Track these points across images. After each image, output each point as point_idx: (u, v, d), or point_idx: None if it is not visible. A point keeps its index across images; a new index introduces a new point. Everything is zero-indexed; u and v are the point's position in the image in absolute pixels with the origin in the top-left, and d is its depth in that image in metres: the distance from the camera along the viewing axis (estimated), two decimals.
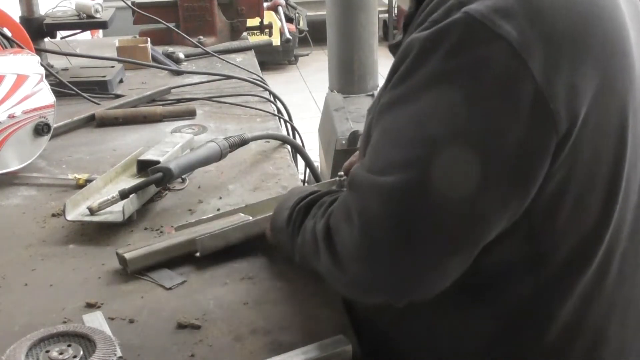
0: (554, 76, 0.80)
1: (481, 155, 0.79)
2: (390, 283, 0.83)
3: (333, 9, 3.35)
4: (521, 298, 0.91)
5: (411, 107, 0.82)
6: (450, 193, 0.79)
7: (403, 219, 0.80)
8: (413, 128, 0.82)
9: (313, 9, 7.04)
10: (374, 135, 0.88)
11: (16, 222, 1.38)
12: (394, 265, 0.81)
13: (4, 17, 1.97)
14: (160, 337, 1.02)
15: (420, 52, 0.83)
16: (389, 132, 0.85)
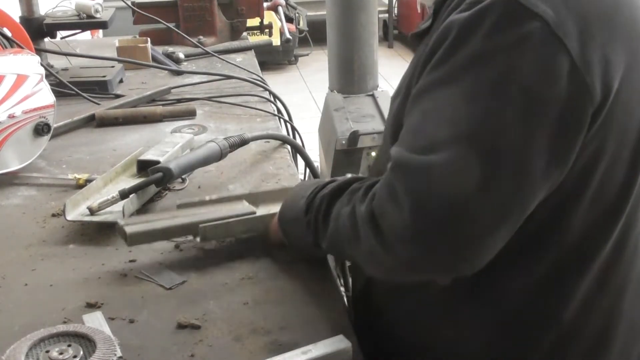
0: (588, 52, 0.84)
1: (527, 128, 0.83)
2: (443, 260, 0.85)
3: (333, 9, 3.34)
4: (541, 273, 0.95)
5: (455, 85, 0.85)
6: (499, 166, 0.82)
7: (455, 194, 0.81)
8: (459, 106, 0.84)
9: (313, 9, 7.04)
10: (412, 117, 0.90)
11: (16, 222, 1.38)
12: (449, 242, 0.83)
13: (4, 17, 1.97)
14: (160, 337, 1.02)
15: (461, 32, 0.85)
16: (433, 111, 0.87)
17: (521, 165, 0.83)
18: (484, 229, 0.83)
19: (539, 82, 0.83)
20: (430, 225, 0.82)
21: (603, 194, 0.94)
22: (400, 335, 1.08)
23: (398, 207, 0.84)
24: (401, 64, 6.90)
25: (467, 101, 0.84)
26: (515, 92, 0.82)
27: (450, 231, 0.82)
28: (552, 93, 0.83)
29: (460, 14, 0.87)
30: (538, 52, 0.83)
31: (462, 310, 1.00)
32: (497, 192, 0.83)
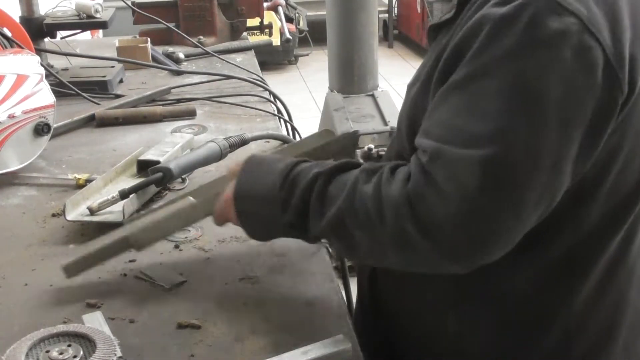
0: (618, 47, 0.87)
1: (565, 120, 0.85)
2: (480, 248, 0.87)
3: (333, 9, 3.35)
4: (550, 267, 0.97)
5: (492, 80, 0.86)
6: (540, 159, 0.85)
7: (500, 187, 0.85)
8: (497, 100, 0.86)
9: (313, 9, 7.04)
10: (444, 111, 0.91)
11: (16, 222, 1.38)
12: (492, 232, 0.86)
13: (4, 17, 1.97)
14: (160, 337, 1.02)
15: (498, 26, 0.87)
16: (470, 105, 0.88)
17: (559, 157, 0.86)
18: (522, 220, 0.87)
19: (577, 76, 0.85)
20: (475, 216, 0.85)
21: (617, 189, 0.96)
22: (404, 329, 1.08)
23: (440, 196, 0.86)
24: (401, 64, 6.90)
25: (507, 95, 0.85)
26: (553, 85, 0.84)
27: (494, 222, 0.85)
28: (589, 85, 0.85)
29: (495, 9, 0.88)
30: (575, 46, 0.84)
31: (466, 305, 1.01)
32: (535, 185, 0.85)
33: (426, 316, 1.06)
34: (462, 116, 0.88)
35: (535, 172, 0.85)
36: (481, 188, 0.84)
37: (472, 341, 1.02)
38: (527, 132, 0.84)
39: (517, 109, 0.85)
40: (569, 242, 0.96)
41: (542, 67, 0.85)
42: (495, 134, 0.85)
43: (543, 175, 0.85)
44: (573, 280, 0.98)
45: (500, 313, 1.00)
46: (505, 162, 0.84)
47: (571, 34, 0.85)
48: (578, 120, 0.86)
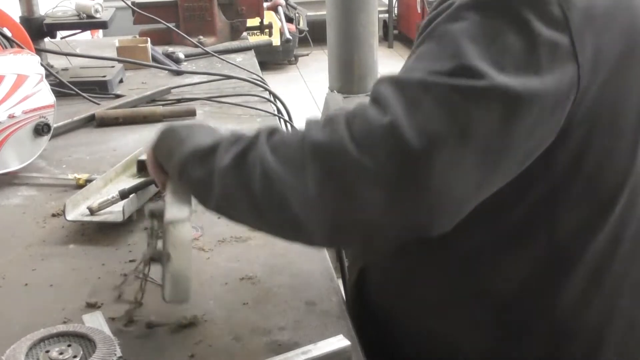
0: (586, 33, 0.84)
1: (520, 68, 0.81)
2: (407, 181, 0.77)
3: (333, 9, 3.35)
4: (530, 269, 0.95)
5: (457, 25, 0.83)
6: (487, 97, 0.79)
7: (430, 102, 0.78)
8: (461, 42, 0.82)
9: (313, 9, 7.04)
10: (408, 62, 0.88)
11: (16, 222, 1.38)
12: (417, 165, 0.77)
13: (4, 17, 1.97)
14: (160, 337, 1.02)
15: None
16: (430, 50, 0.85)
17: (513, 111, 0.80)
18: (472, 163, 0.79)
19: (539, 41, 0.82)
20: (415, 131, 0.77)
21: (593, 188, 0.94)
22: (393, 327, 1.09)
23: (383, 108, 0.79)
24: (401, 64, 6.85)
25: (470, 39, 0.82)
26: (513, 43, 0.81)
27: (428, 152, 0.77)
28: (547, 57, 0.82)
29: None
30: (542, 13, 0.82)
31: (451, 306, 1.01)
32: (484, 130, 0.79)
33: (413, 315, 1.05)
34: (426, 58, 0.84)
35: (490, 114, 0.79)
36: (430, 109, 0.78)
37: (462, 342, 1.02)
38: (489, 71, 0.79)
39: (478, 50, 0.80)
40: (546, 244, 0.94)
41: (506, 23, 0.82)
42: (454, 69, 0.80)
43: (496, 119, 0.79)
44: (554, 284, 0.97)
45: (488, 314, 0.99)
46: (463, 93, 0.79)
47: (543, 3, 0.83)
48: (534, 84, 0.81)
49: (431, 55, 0.84)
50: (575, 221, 0.95)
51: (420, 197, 0.77)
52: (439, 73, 0.80)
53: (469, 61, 0.80)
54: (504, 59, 0.81)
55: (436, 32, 0.85)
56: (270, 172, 0.83)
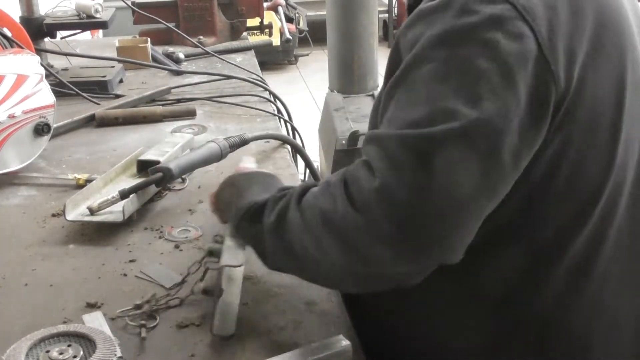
0: (553, 40, 0.86)
1: (501, 103, 0.82)
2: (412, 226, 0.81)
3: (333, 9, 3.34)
4: (518, 261, 0.96)
5: (427, 66, 0.85)
6: (473, 142, 0.81)
7: (429, 163, 0.81)
8: (431, 84, 0.84)
9: (313, 9, 7.04)
10: (388, 111, 0.89)
11: (16, 222, 1.38)
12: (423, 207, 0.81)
13: (4, 17, 1.97)
14: (160, 337, 1.02)
15: (430, 17, 0.87)
16: (408, 96, 0.87)
17: (494, 143, 0.82)
18: (457, 199, 0.82)
19: (509, 58, 0.83)
20: (400, 192, 0.81)
21: (573, 187, 0.94)
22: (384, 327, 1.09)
23: (369, 172, 0.84)
24: None
25: (440, 79, 0.84)
26: (486, 65, 0.83)
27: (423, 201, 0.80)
28: (521, 72, 0.83)
29: (428, 3, 0.89)
30: (507, 31, 0.83)
31: (441, 308, 1.01)
32: (476, 168, 0.82)
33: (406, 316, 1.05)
34: (403, 108, 0.87)
35: (468, 153, 0.81)
36: (411, 163, 0.81)
37: (454, 343, 1.02)
38: (461, 115, 0.81)
39: (448, 91, 0.83)
40: (528, 244, 0.95)
41: (474, 50, 0.83)
42: (427, 117, 0.82)
43: (476, 156, 0.81)
44: (539, 283, 0.97)
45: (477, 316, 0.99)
46: (440, 140, 0.81)
47: (504, 18, 0.84)
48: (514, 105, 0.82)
49: (406, 104, 0.87)
50: (556, 220, 0.95)
51: (423, 247, 0.82)
52: (414, 124, 0.83)
53: (443, 103, 0.82)
54: (479, 86, 0.83)
55: (407, 79, 0.88)
56: (302, 239, 0.92)
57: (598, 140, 0.94)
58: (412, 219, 0.81)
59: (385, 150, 0.84)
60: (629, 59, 0.98)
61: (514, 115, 0.83)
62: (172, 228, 1.32)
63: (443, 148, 0.81)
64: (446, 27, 0.85)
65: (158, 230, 1.32)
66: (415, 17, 0.90)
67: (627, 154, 0.99)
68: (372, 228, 0.82)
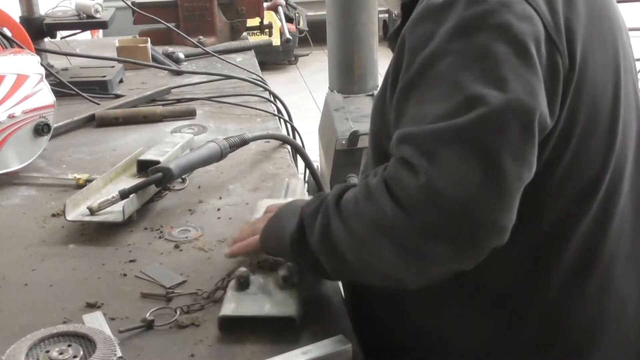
0: (555, 18, 0.89)
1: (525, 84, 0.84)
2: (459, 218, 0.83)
3: (333, 9, 3.34)
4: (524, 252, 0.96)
5: (443, 62, 0.86)
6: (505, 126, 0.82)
7: (469, 152, 0.82)
8: (452, 77, 0.85)
9: (313, 9, 7.03)
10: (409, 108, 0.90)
11: (16, 222, 1.38)
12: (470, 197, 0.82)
13: (4, 17, 1.98)
14: (160, 337, 1.02)
15: (439, 13, 0.88)
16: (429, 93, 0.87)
17: (528, 120, 0.83)
18: (502, 184, 0.83)
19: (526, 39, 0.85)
20: (446, 183, 0.82)
21: (576, 170, 0.95)
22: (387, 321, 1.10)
23: (411, 170, 0.84)
24: None
25: (462, 69, 0.85)
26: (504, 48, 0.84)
27: (468, 190, 0.82)
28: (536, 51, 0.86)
29: (432, 1, 0.90)
30: (518, 13, 0.86)
31: (445, 302, 1.01)
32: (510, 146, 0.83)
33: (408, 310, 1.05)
34: (425, 104, 0.87)
35: (504, 135, 0.82)
36: (451, 155, 0.82)
37: (455, 338, 1.02)
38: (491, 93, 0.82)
39: (472, 78, 0.84)
40: (533, 234, 0.96)
41: (489, 35, 0.85)
42: (456, 107, 0.83)
43: (513, 136, 0.83)
44: (544, 273, 0.98)
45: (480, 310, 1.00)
46: (474, 127, 0.82)
47: (512, 2, 0.86)
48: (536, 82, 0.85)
49: (431, 100, 0.87)
50: (559, 208, 0.96)
51: (478, 235, 0.84)
52: (445, 116, 0.84)
53: (470, 91, 0.83)
54: (501, 69, 0.84)
55: (427, 76, 0.88)
56: (354, 249, 0.92)
57: (599, 124, 0.95)
58: (464, 210, 0.82)
59: (421, 147, 0.84)
60: (619, 43, 1.01)
61: (539, 92, 0.84)
62: (172, 228, 1.32)
63: (479, 134, 0.82)
64: (458, 19, 0.86)
65: (158, 230, 1.32)
66: (422, 14, 0.91)
67: (625, 137, 1.01)
68: (425, 226, 0.83)
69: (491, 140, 0.82)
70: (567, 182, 0.95)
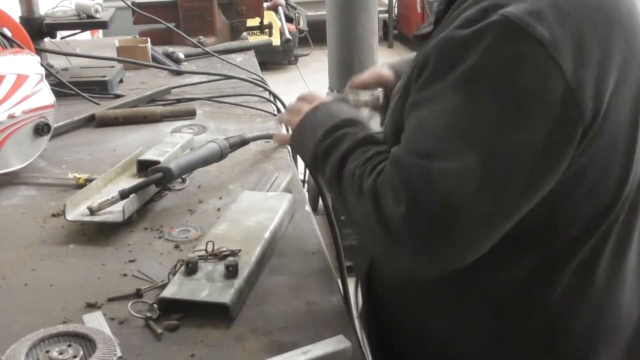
0: (582, 73, 0.86)
1: (520, 140, 0.86)
2: (433, 253, 0.89)
3: (333, 9, 3.34)
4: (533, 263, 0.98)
5: (453, 96, 0.89)
6: (490, 174, 0.86)
7: (449, 198, 0.86)
8: (456, 115, 0.88)
9: (313, 9, 7.03)
10: (410, 124, 0.95)
11: (16, 222, 1.38)
12: (440, 240, 0.88)
13: (4, 17, 1.97)
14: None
15: (460, 47, 0.88)
16: (429, 120, 0.91)
17: (513, 174, 0.87)
18: (474, 231, 0.88)
19: (533, 103, 0.86)
20: (422, 222, 0.87)
21: (592, 196, 0.96)
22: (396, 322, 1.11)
23: (395, 196, 0.90)
24: None
25: (464, 111, 0.88)
26: (509, 104, 0.86)
27: (441, 230, 0.87)
28: (544, 114, 0.86)
29: (458, 31, 0.89)
30: (533, 71, 0.85)
31: (450, 304, 1.03)
32: (488, 199, 0.87)
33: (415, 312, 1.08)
34: (422, 129, 0.91)
35: (488, 189, 0.86)
36: (430, 197, 0.87)
37: (459, 340, 1.03)
38: (482, 146, 0.86)
39: (473, 124, 0.87)
40: (546, 248, 0.98)
41: (499, 87, 0.86)
42: (450, 147, 0.87)
43: (496, 192, 0.87)
44: (550, 281, 0.99)
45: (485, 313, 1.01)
46: (456, 175, 0.86)
47: (531, 58, 0.85)
48: (532, 145, 0.86)
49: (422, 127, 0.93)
50: (575, 227, 0.97)
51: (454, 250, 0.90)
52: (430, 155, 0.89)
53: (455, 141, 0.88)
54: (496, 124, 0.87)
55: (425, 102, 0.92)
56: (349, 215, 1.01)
57: (616, 156, 0.95)
58: (435, 247, 0.88)
59: (406, 180, 0.89)
60: None
61: (532, 154, 0.86)
62: (172, 228, 1.32)
63: (460, 183, 0.86)
64: (474, 62, 0.87)
65: (158, 230, 1.32)
66: (441, 45, 0.91)
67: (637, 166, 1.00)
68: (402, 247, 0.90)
69: (468, 190, 0.86)
70: (581, 211, 0.96)
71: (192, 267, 1.10)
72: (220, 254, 1.14)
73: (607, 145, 0.93)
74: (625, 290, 1.04)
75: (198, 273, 1.10)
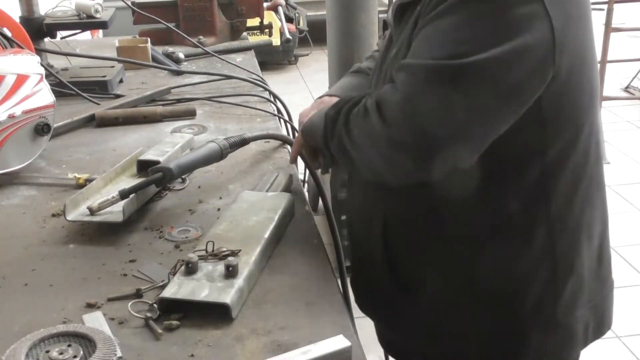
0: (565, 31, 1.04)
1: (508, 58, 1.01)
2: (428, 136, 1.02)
3: (333, 9, 3.34)
4: (531, 179, 1.14)
5: (453, 16, 1.03)
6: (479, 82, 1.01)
7: (440, 86, 1.01)
8: (458, 30, 1.02)
9: (313, 9, 7.03)
10: (416, 41, 1.08)
11: (16, 222, 1.38)
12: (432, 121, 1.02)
13: (4, 17, 1.98)
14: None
15: None
16: (434, 35, 1.05)
17: (499, 87, 1.02)
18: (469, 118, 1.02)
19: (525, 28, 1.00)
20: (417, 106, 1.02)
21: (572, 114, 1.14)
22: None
23: (395, 89, 1.05)
24: None
25: (465, 30, 1.02)
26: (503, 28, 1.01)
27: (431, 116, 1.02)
28: (533, 38, 1.01)
29: None
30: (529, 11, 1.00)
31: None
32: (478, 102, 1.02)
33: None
34: (428, 43, 1.05)
35: (486, 84, 1.01)
36: (425, 84, 1.02)
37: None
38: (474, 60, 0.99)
39: (469, 40, 1.01)
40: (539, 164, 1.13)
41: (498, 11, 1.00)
42: (448, 58, 1.01)
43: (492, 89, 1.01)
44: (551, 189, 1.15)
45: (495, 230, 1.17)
46: (456, 71, 1.00)
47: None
48: (526, 46, 1.00)
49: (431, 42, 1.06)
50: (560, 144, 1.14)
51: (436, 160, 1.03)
52: (440, 57, 1.02)
53: (463, 44, 1.02)
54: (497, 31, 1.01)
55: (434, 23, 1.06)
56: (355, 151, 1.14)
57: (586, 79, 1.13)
58: (430, 135, 1.01)
59: (414, 76, 1.03)
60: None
61: (526, 56, 1.01)
62: (172, 228, 1.32)
63: (463, 76, 1.00)
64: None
65: (158, 230, 1.32)
66: None
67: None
68: (397, 140, 1.04)
69: (469, 85, 1.00)
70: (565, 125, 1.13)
71: (192, 267, 1.10)
72: (220, 254, 1.14)
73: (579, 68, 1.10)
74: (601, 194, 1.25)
75: (198, 273, 1.10)
